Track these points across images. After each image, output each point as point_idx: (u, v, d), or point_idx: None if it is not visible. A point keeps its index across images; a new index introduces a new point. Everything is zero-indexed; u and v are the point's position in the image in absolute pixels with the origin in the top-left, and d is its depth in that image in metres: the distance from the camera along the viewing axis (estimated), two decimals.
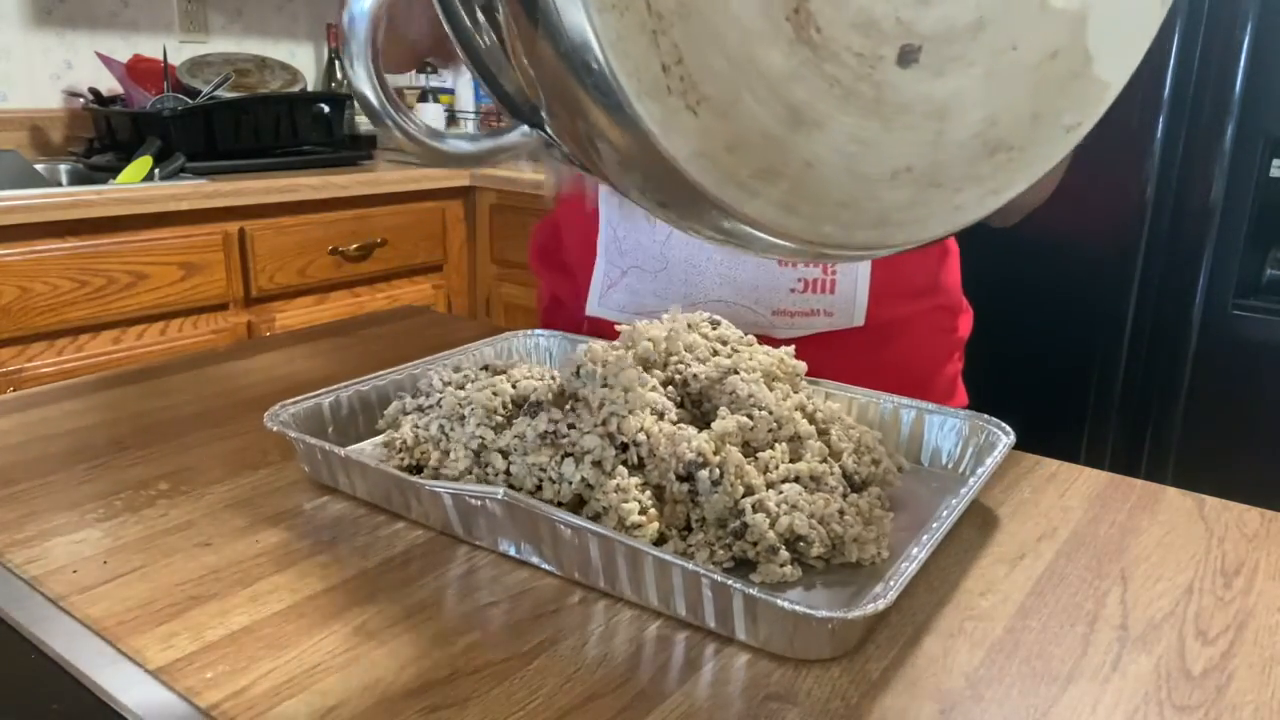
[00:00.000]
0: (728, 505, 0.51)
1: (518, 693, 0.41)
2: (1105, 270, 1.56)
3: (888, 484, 0.57)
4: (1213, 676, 0.43)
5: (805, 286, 0.79)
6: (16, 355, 1.57)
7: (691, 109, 0.30)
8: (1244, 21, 1.41)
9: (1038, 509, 0.59)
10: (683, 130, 0.30)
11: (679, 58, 0.29)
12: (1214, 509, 0.59)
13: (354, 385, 0.67)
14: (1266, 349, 1.46)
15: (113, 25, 2.12)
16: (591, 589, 0.49)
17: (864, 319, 0.79)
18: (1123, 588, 0.50)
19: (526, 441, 0.53)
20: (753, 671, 0.43)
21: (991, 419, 0.61)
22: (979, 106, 0.35)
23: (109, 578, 0.49)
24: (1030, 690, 0.42)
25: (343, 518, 0.56)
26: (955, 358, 0.90)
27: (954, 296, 0.89)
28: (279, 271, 1.86)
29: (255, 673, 0.42)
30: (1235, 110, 1.43)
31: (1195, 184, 1.48)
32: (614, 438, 0.52)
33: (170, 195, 1.69)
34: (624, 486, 0.50)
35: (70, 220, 1.58)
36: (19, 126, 2.02)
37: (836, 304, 0.79)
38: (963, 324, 0.90)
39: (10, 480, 0.60)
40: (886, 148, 0.34)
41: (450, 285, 2.20)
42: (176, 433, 0.68)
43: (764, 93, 0.31)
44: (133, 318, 1.69)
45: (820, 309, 0.79)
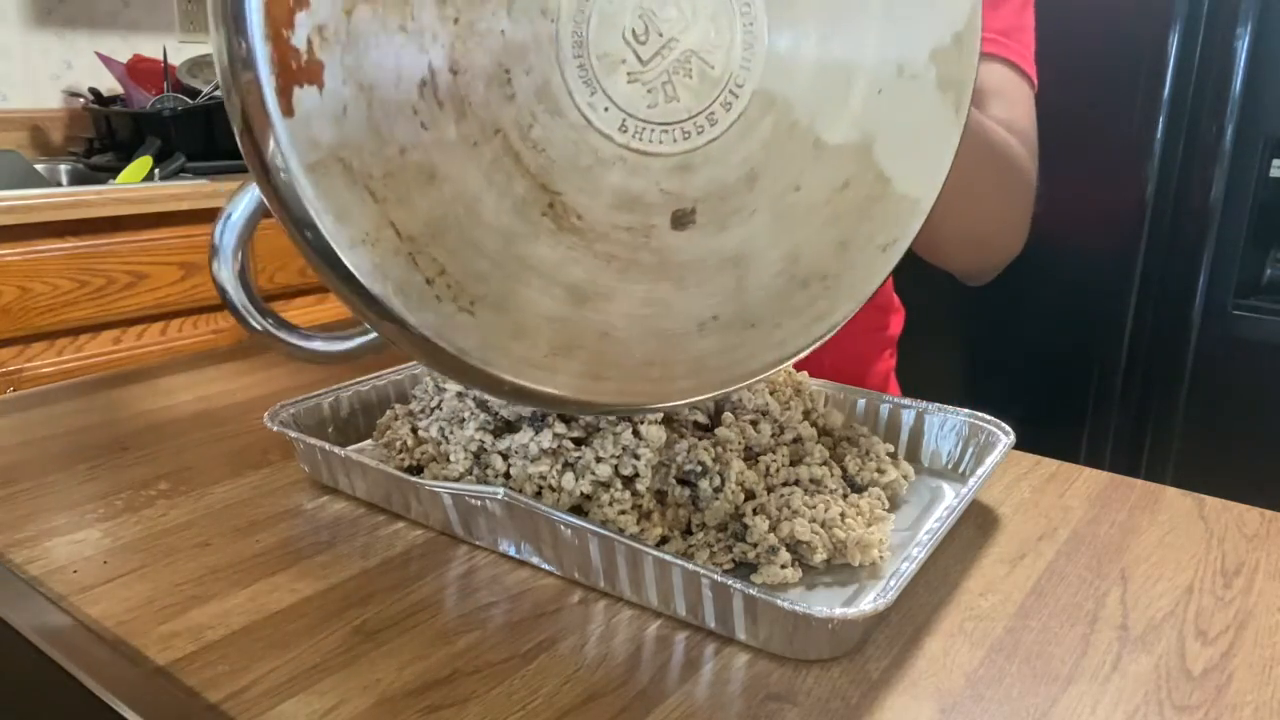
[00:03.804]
0: (728, 512, 0.51)
1: (518, 693, 0.41)
2: (1105, 270, 1.56)
3: (893, 490, 0.57)
4: (1213, 676, 0.43)
5: None
6: (16, 355, 1.57)
7: (466, 310, 0.31)
8: (1244, 22, 1.41)
9: (1038, 509, 0.59)
10: (462, 330, 0.31)
11: (441, 269, 0.30)
12: (1214, 509, 0.59)
13: (354, 385, 0.67)
14: (1266, 349, 1.46)
15: (113, 25, 2.12)
16: (591, 589, 0.49)
17: None
18: (1123, 588, 0.50)
19: (529, 450, 0.53)
20: (753, 671, 0.43)
21: (991, 419, 0.61)
22: (775, 247, 0.35)
23: (109, 578, 0.49)
24: (1030, 690, 0.42)
25: (342, 518, 0.56)
26: (887, 355, 0.91)
27: (885, 296, 0.90)
28: (279, 271, 1.86)
29: (255, 673, 0.42)
30: (1235, 110, 1.43)
31: (1195, 184, 1.48)
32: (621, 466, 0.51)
33: (170, 195, 1.69)
34: (621, 499, 0.50)
35: (70, 220, 1.58)
36: (19, 126, 2.02)
37: None
38: (894, 322, 0.92)
39: (10, 480, 0.60)
40: (684, 304, 0.34)
41: None
42: (176, 433, 0.68)
43: (538, 281, 0.32)
44: (133, 318, 1.69)
45: None
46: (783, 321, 0.37)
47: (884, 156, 0.36)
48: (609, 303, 0.33)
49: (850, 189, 0.36)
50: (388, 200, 0.29)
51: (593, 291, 0.32)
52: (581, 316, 0.32)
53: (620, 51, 0.31)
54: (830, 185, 0.36)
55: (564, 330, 0.32)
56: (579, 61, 0.31)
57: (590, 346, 0.33)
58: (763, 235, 0.35)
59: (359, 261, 0.29)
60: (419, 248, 0.30)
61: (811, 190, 0.35)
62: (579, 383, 0.33)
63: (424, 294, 0.30)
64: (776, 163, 0.34)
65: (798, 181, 0.35)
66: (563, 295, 0.32)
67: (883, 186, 0.37)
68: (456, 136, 0.29)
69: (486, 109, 0.30)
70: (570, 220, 0.31)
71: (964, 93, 0.38)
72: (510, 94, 0.30)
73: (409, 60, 0.29)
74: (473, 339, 0.31)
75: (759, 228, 0.35)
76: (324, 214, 0.29)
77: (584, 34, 0.31)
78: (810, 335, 0.38)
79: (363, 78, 0.28)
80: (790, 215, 0.35)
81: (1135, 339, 1.57)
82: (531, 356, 0.32)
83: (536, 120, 0.30)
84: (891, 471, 0.57)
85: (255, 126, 0.28)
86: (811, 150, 0.35)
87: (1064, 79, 1.47)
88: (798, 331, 0.37)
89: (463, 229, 0.30)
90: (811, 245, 0.36)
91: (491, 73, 0.30)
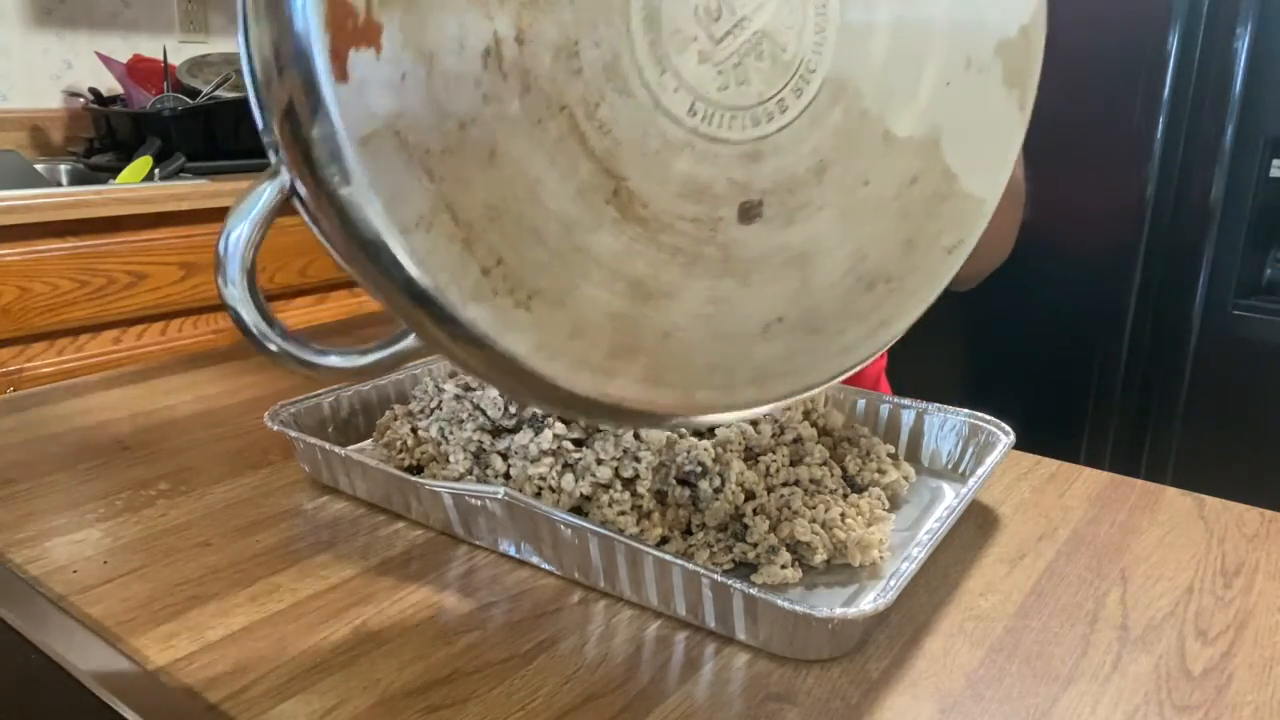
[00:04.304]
0: (728, 512, 0.51)
1: (518, 693, 0.41)
2: (1105, 270, 1.56)
3: (894, 491, 0.57)
4: (1213, 676, 0.43)
5: None
6: (16, 355, 1.57)
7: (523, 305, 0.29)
8: (1244, 21, 1.41)
9: (1038, 509, 0.59)
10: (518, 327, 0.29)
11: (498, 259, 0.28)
12: (1214, 509, 0.59)
13: (354, 385, 0.67)
14: (1266, 349, 1.46)
15: (113, 25, 2.12)
16: (591, 589, 0.49)
17: None
18: (1123, 588, 0.50)
19: (528, 451, 0.53)
20: (753, 671, 0.43)
21: (991, 419, 0.61)
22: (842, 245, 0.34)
23: (109, 578, 0.49)
24: (1030, 690, 0.42)
25: (343, 517, 0.56)
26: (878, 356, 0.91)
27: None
28: (279, 271, 1.86)
29: (255, 673, 0.42)
30: (1235, 110, 1.43)
31: (1195, 184, 1.48)
32: (622, 469, 0.51)
33: (170, 195, 1.69)
34: (620, 499, 0.50)
35: (70, 220, 1.58)
36: (19, 126, 2.02)
37: None
38: None
39: (10, 480, 0.60)
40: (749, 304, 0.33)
41: None
42: (176, 433, 0.68)
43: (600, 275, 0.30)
44: (133, 318, 1.69)
45: None
46: (847, 327, 0.35)
47: (951, 152, 0.35)
48: (672, 301, 0.31)
49: (918, 185, 0.35)
50: (445, 180, 0.27)
51: (656, 288, 0.31)
52: (643, 315, 0.31)
53: (692, 29, 0.30)
54: (899, 180, 0.34)
55: (625, 330, 0.30)
56: (650, 38, 0.29)
57: (652, 348, 0.31)
58: (830, 231, 0.33)
59: (413, 249, 0.27)
60: (476, 234, 0.28)
61: (880, 185, 0.34)
62: (638, 389, 0.31)
63: (479, 287, 0.28)
64: (846, 154, 0.33)
65: (866, 175, 0.34)
66: (625, 291, 0.30)
67: (949, 184, 0.36)
68: (520, 112, 0.28)
69: (552, 84, 0.28)
70: (635, 209, 0.30)
71: (1029, 90, 0.37)
72: (577, 68, 0.28)
73: (473, 26, 0.27)
74: (528, 339, 0.29)
75: (827, 223, 0.33)
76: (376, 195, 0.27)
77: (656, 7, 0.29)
78: (874, 343, 0.36)
79: (423, 43, 0.26)
80: (858, 211, 0.34)
81: (1135, 339, 1.57)
82: (590, 358, 0.30)
83: (604, 99, 0.29)
84: (892, 472, 0.57)
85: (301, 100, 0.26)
86: (881, 142, 0.34)
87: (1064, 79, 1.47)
88: (862, 337, 0.36)
89: (523, 214, 0.28)
90: (879, 244, 0.35)
91: (559, 44, 0.28)
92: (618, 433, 0.52)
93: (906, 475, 0.58)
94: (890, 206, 0.35)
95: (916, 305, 0.37)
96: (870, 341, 0.36)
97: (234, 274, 0.32)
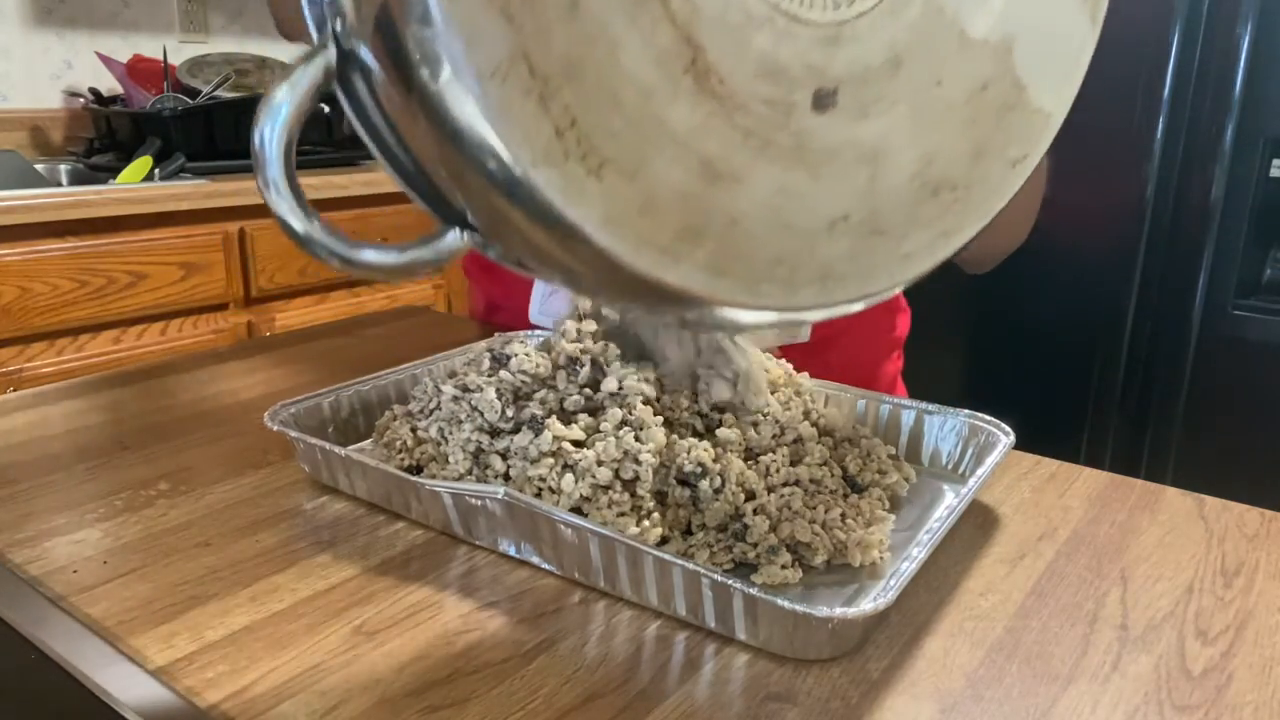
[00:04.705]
0: (728, 513, 0.51)
1: (518, 693, 0.41)
2: (1105, 270, 1.56)
3: (894, 491, 0.57)
4: (1213, 676, 0.43)
5: None
6: (16, 355, 1.57)
7: (594, 174, 0.28)
8: (1244, 21, 1.41)
9: (1038, 509, 0.59)
10: (587, 197, 0.28)
11: (573, 120, 0.27)
12: (1214, 509, 0.59)
13: (354, 385, 0.67)
14: (1266, 349, 1.46)
15: (113, 25, 2.13)
16: (591, 589, 0.49)
17: (809, 336, 0.79)
18: (1123, 588, 0.50)
19: (528, 452, 0.53)
20: (753, 671, 0.43)
21: (991, 419, 0.61)
22: (911, 146, 0.33)
23: (109, 578, 0.49)
24: (1030, 690, 0.42)
25: (343, 517, 0.56)
26: (894, 357, 0.91)
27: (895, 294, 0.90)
28: (279, 271, 1.86)
29: (255, 673, 0.42)
30: (1235, 110, 1.43)
31: (1195, 184, 1.48)
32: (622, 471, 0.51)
33: (170, 195, 1.69)
34: (620, 501, 0.50)
35: (70, 220, 1.58)
36: (19, 126, 2.02)
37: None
38: (900, 323, 0.91)
39: (10, 480, 0.60)
40: (817, 197, 0.32)
41: (450, 285, 2.20)
42: (176, 433, 0.68)
43: (672, 151, 0.29)
44: (133, 318, 1.69)
45: None
46: (910, 233, 0.34)
47: (1022, 62, 0.35)
48: (742, 186, 0.30)
49: (989, 92, 0.34)
50: (525, 27, 0.26)
51: (726, 170, 0.30)
52: (713, 198, 0.30)
53: None
54: (971, 85, 0.34)
55: (693, 211, 0.30)
56: None
57: (718, 234, 0.30)
58: (901, 130, 0.33)
59: (488, 100, 0.26)
60: (552, 90, 0.27)
61: (952, 87, 0.34)
62: (702, 276, 0.30)
63: (551, 148, 0.27)
64: (921, 51, 0.33)
65: (940, 75, 0.33)
66: (696, 170, 0.29)
67: (1018, 94, 0.35)
68: None
69: None
70: (712, 83, 0.29)
71: (1100, 3, 0.37)
72: None
73: None
74: (597, 210, 0.28)
75: (898, 121, 0.33)
76: (455, 38, 0.25)
77: None
78: (934, 254, 0.36)
79: None
80: (929, 112, 0.33)
81: (1135, 339, 1.57)
82: (657, 238, 0.29)
83: None
84: (893, 473, 0.57)
85: None
86: (956, 43, 0.33)
87: None
88: (924, 246, 0.35)
89: (601, 74, 0.27)
90: (947, 149, 0.34)
91: None
92: (619, 434, 0.52)
93: (907, 476, 0.58)
94: (960, 112, 0.34)
95: (978, 218, 0.37)
96: (931, 252, 0.36)
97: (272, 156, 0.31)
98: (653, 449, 0.51)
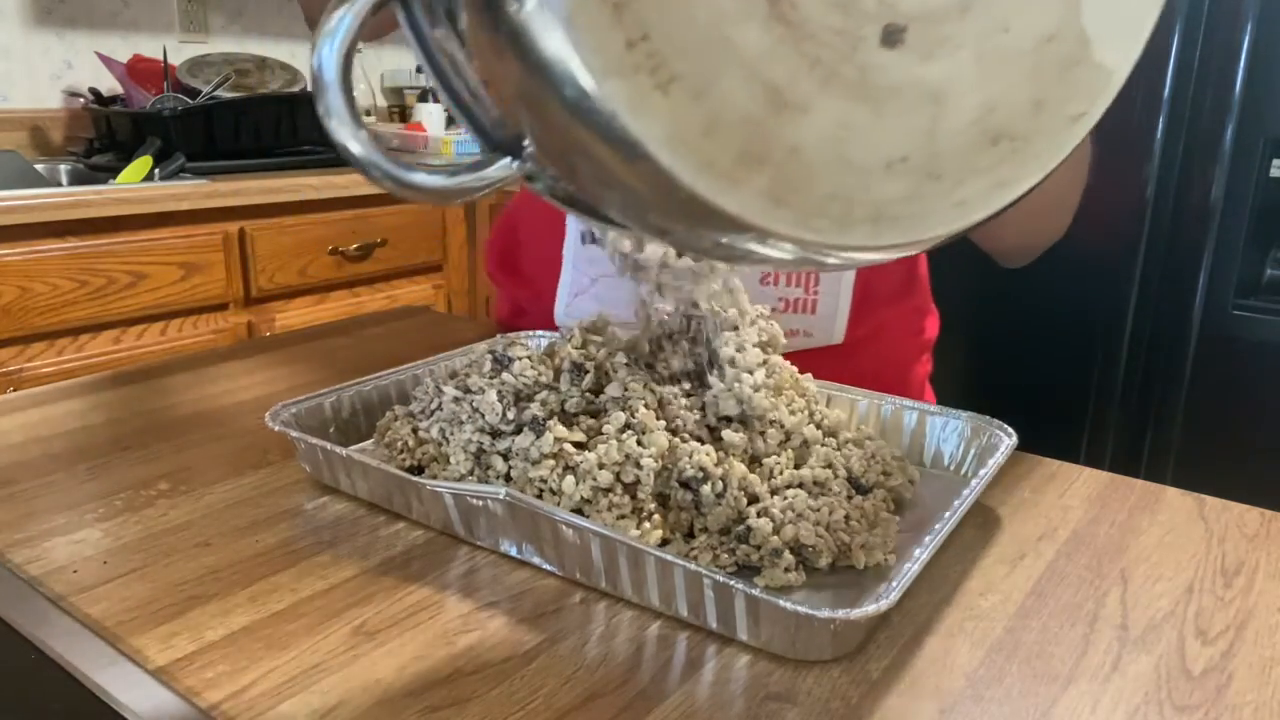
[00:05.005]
0: (731, 517, 0.50)
1: (518, 693, 0.41)
2: (1105, 270, 1.56)
3: (899, 494, 0.57)
4: (1213, 676, 0.43)
5: (786, 306, 0.77)
6: (16, 355, 1.57)
7: (662, 88, 0.28)
8: (1244, 21, 1.41)
9: (1038, 509, 0.59)
10: (653, 112, 0.28)
11: (645, 33, 0.27)
12: (1214, 509, 0.59)
13: (355, 385, 0.67)
14: (1266, 349, 1.46)
15: (113, 25, 2.12)
16: (592, 589, 0.49)
17: (843, 337, 0.78)
18: (1123, 588, 0.50)
19: (529, 454, 0.53)
20: (753, 671, 0.43)
21: (994, 420, 0.61)
22: (975, 92, 0.33)
23: (109, 578, 0.49)
24: (1030, 690, 0.42)
25: (343, 518, 0.56)
26: (924, 360, 0.90)
27: (925, 296, 0.89)
28: (279, 271, 1.86)
29: (255, 673, 0.42)
30: (1235, 110, 1.43)
31: (1195, 184, 1.48)
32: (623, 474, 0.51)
33: (170, 195, 1.69)
34: (620, 503, 0.50)
35: (70, 220, 1.58)
36: (19, 126, 2.02)
37: (816, 325, 0.77)
38: (930, 325, 0.91)
39: (10, 480, 0.60)
40: (878, 135, 0.32)
41: (450, 285, 2.20)
42: (176, 433, 0.68)
43: (741, 72, 0.29)
44: (133, 318, 1.69)
45: (800, 329, 0.77)
46: (966, 179, 0.34)
47: (1090, 16, 0.35)
48: (805, 116, 0.30)
49: (1054, 44, 0.34)
50: None
51: (791, 98, 0.30)
52: (776, 124, 0.30)
53: None
54: (1037, 34, 0.34)
55: (756, 136, 0.30)
56: None
57: (778, 162, 0.30)
58: (965, 74, 0.33)
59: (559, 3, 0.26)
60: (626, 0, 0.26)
61: (1019, 35, 0.34)
62: (758, 204, 0.30)
63: (621, 60, 0.27)
64: None
65: (1007, 22, 0.33)
66: (761, 95, 0.29)
67: (1083, 48, 0.35)
68: None
69: None
70: (784, 8, 0.29)
71: None
72: None
73: None
74: (661, 126, 0.28)
75: (963, 64, 0.33)
76: None
77: None
78: (990, 204, 0.36)
79: None
80: (994, 58, 0.33)
81: (1135, 339, 1.57)
82: (718, 161, 0.29)
83: None
84: (898, 474, 0.57)
85: None
86: None
87: None
88: (980, 195, 0.35)
89: None
90: (1009, 98, 0.34)
91: None
92: (621, 437, 0.52)
93: (912, 478, 0.58)
94: (1025, 61, 0.34)
95: (1035, 171, 0.36)
96: (985, 201, 0.36)
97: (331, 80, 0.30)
98: (654, 453, 0.51)
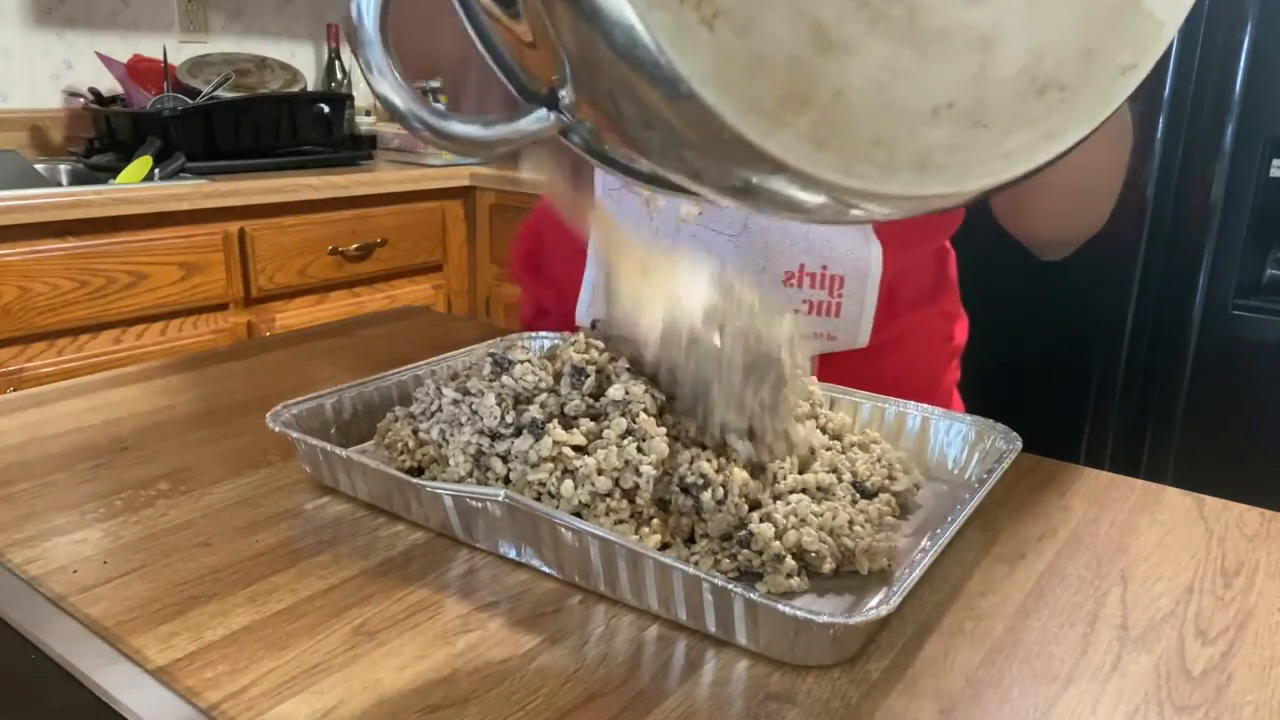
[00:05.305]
0: (732, 523, 0.50)
1: (518, 693, 0.41)
2: (1105, 270, 1.56)
3: (904, 498, 0.56)
4: (1213, 676, 0.43)
5: (810, 308, 0.76)
6: (16, 355, 1.57)
7: (707, 23, 0.27)
8: (1244, 21, 1.41)
9: (1038, 509, 0.59)
10: (697, 47, 0.27)
11: None
12: (1214, 509, 0.59)
13: (356, 386, 0.67)
14: (1266, 349, 1.46)
15: (113, 25, 2.13)
16: (592, 592, 0.49)
17: (867, 341, 0.77)
18: (1123, 588, 0.50)
19: (528, 457, 0.52)
20: (753, 672, 0.43)
21: (998, 425, 0.61)
22: (1023, 38, 0.33)
23: (109, 578, 0.49)
24: (1030, 690, 0.42)
25: (343, 518, 0.56)
26: (952, 367, 0.89)
27: (953, 300, 0.88)
28: (279, 271, 1.86)
29: (255, 673, 0.42)
30: (1235, 110, 1.43)
31: (1195, 184, 1.48)
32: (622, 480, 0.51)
33: (170, 195, 1.69)
34: (618, 508, 0.50)
35: (70, 220, 1.58)
36: (19, 126, 2.02)
37: (840, 328, 0.76)
38: (959, 331, 0.89)
39: (10, 480, 0.60)
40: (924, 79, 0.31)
41: (450, 285, 2.20)
42: (176, 433, 0.68)
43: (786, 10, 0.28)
44: (133, 318, 1.69)
45: (823, 332, 0.76)
46: (1013, 130, 0.34)
47: None
48: (850, 57, 0.30)
49: None
50: None
51: (837, 38, 0.29)
52: (821, 65, 0.29)
53: None
54: None
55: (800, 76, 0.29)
56: None
57: (822, 104, 0.30)
58: (1014, 19, 0.32)
59: None
60: None
61: None
62: (803, 146, 0.30)
63: None
64: None
65: None
66: (807, 35, 0.29)
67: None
68: None
69: None
70: None
71: None
72: None
73: None
74: (705, 62, 0.27)
75: (1012, 9, 0.32)
76: None
77: None
78: (1036, 155, 0.35)
79: None
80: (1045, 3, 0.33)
81: (1135, 339, 1.57)
82: (761, 101, 0.29)
83: None
84: (903, 479, 0.56)
85: None
86: None
87: None
88: (1026, 146, 0.34)
89: None
90: (1058, 46, 0.33)
91: None
92: (621, 443, 0.51)
93: (917, 482, 0.58)
94: (1075, 7, 0.34)
95: (1083, 124, 0.36)
96: (1031, 153, 0.35)
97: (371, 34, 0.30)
98: (654, 460, 0.50)
